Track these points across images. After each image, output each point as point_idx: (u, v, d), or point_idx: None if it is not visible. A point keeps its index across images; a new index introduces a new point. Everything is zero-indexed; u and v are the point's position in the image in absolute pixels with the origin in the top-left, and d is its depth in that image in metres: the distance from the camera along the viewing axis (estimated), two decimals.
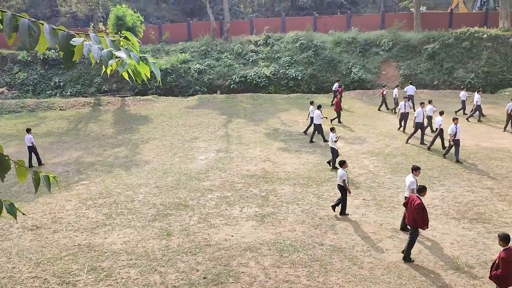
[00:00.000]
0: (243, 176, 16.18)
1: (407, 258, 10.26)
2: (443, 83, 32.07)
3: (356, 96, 30.51)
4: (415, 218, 9.92)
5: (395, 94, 25.64)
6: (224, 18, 38.09)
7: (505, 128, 20.89)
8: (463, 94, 24.73)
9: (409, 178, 11.22)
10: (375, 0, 54.73)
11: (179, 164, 17.87)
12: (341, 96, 27.28)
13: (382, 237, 11.42)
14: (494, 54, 32.45)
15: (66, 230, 12.50)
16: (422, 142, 19.18)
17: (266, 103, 29.22)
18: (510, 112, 20.32)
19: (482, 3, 43.71)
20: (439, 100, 28.18)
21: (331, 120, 23.20)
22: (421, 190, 10.14)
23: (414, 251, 10.56)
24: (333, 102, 26.55)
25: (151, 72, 3.10)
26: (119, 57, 2.83)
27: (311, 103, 21.72)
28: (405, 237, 11.25)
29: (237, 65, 33.65)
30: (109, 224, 12.68)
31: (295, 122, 24.07)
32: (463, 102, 24.55)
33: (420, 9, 38.67)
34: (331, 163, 16.69)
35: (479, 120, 23.01)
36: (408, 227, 10.56)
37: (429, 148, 18.50)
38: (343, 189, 12.50)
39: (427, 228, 10.20)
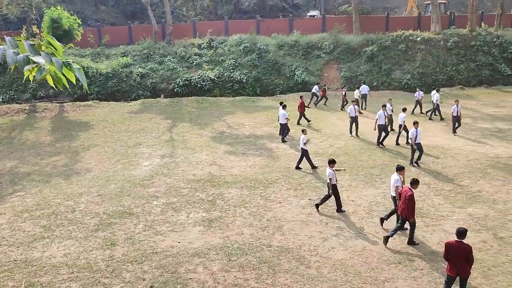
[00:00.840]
0: (189, 181, 15.96)
1: (411, 241, 10.93)
2: (382, 84, 33.36)
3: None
4: (405, 208, 10.51)
5: (356, 95, 26.64)
6: (166, 21, 37.55)
7: (454, 131, 20.76)
8: (418, 94, 25.76)
9: (394, 176, 11.68)
10: (316, 4, 56.08)
11: (123, 171, 17.34)
12: (326, 98, 28.49)
13: (328, 235, 11.63)
14: (427, 56, 34.20)
15: (0, 245, 11.74)
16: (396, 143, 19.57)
17: (211, 106, 29.07)
18: (457, 114, 20.44)
19: (441, 3, 46.06)
20: (379, 101, 29.22)
21: (298, 121, 23.68)
22: (414, 182, 10.69)
23: (358, 249, 10.85)
24: (315, 103, 28.29)
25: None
26: (36, 63, 2.63)
27: (281, 103, 21.62)
28: (350, 234, 11.54)
29: (181, 69, 33.26)
30: (48, 237, 12.06)
31: (241, 125, 24.10)
32: (417, 101, 25.49)
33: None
34: (299, 164, 16.88)
35: (442, 119, 23.96)
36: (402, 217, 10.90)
37: (397, 143, 19.52)
38: (334, 188, 12.66)
39: (412, 220, 10.63)
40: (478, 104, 27.53)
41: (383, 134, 19.27)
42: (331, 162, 12.70)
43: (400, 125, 19.13)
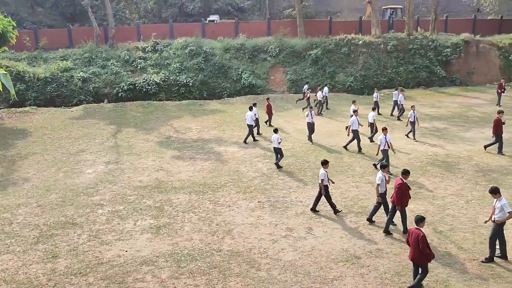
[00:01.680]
0: (136, 187, 15.55)
1: (405, 230, 11.36)
2: (327, 86, 34.06)
3: (247, 101, 31.07)
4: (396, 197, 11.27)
5: (319, 96, 27.11)
6: (109, 24, 36.48)
7: (413, 136, 20.60)
8: (375, 95, 26.62)
9: (378, 174, 12.14)
10: (261, 7, 56.62)
11: (64, 179, 16.61)
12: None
13: (278, 237, 11.71)
14: (369, 59, 35.42)
15: None
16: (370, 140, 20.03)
17: (157, 110, 28.53)
18: (414, 120, 20.32)
19: (391, 13, 48.19)
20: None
21: (266, 122, 23.93)
22: (404, 173, 11.41)
23: (307, 249, 11.01)
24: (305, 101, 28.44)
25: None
26: None
27: (254, 105, 21.93)
28: (299, 235, 11.69)
29: (125, 73, 32.41)
30: None
31: (188, 129, 23.81)
32: (376, 102, 26.26)
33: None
34: (278, 163, 17.20)
35: (398, 119, 24.90)
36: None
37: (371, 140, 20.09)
38: (326, 189, 12.76)
39: (400, 208, 11.38)
40: (417, 104, 28.71)
41: (355, 139, 19.14)
42: (324, 163, 12.85)
43: (371, 124, 20.35)
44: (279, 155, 17.31)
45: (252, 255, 10.85)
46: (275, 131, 17.55)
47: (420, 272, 9.11)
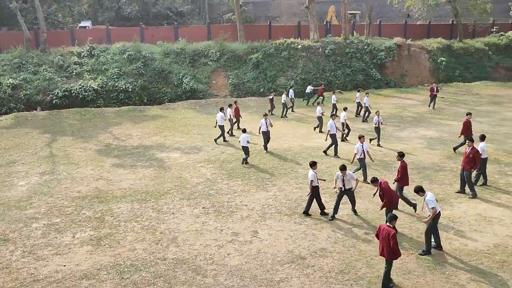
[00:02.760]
0: (74, 198, 14.87)
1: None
2: (269, 90, 34.42)
3: (189, 106, 30.83)
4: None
5: (283, 99, 27.40)
6: (40, 27, 34.75)
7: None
8: (333, 98, 27.17)
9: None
10: (201, 12, 56.35)
11: None
12: (323, 97, 29.81)
13: (223, 242, 11.63)
14: (308, 63, 36.22)
15: None
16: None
17: (95, 118, 27.51)
18: (378, 125, 20.40)
19: (350, 18, 49.77)
20: (266, 106, 30.20)
21: (236, 125, 23.84)
22: (373, 180, 12.01)
23: (252, 253, 11.02)
24: (314, 103, 29.63)
25: None
26: None
27: (221, 109, 22.15)
28: (244, 239, 11.68)
29: (59, 79, 30.96)
30: None
31: (128, 136, 23.14)
32: (334, 104, 26.81)
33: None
34: (246, 160, 17.94)
35: (364, 120, 25.52)
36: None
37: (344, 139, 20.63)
38: (315, 189, 12.82)
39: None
40: (354, 107, 29.71)
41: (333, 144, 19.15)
42: (313, 165, 12.99)
43: (343, 123, 20.95)
44: (246, 153, 18.09)
45: (198, 261, 10.69)
46: (244, 131, 18.31)
47: (385, 268, 9.44)
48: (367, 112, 25.96)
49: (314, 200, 13.03)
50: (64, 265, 10.68)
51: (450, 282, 9.67)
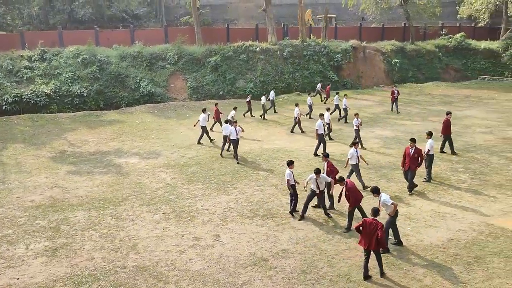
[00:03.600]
0: (27, 208, 14.27)
1: (348, 230, 12.08)
2: (228, 93, 34.51)
3: (147, 110, 30.33)
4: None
5: (263, 101, 27.68)
6: None
7: (361, 144, 19.91)
8: (308, 100, 27.59)
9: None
10: (157, 14, 55.58)
11: None
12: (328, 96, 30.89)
13: (185, 247, 11.49)
14: (267, 65, 36.48)
15: None
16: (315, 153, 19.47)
17: (48, 124, 26.54)
18: (357, 128, 20.53)
19: (326, 20, 49.89)
20: (225, 109, 30.13)
21: (211, 127, 23.94)
22: (340, 180, 12.30)
23: (215, 257, 10.95)
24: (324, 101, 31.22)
25: None
26: None
27: (203, 110, 21.94)
28: (206, 243, 11.59)
29: (9, 84, 29.63)
30: None
31: (84, 142, 22.48)
32: (310, 106, 27.21)
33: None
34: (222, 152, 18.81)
35: (339, 120, 25.78)
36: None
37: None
38: (293, 188, 13.13)
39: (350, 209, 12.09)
40: (314, 108, 30.17)
41: (322, 144, 19.28)
42: (290, 164, 13.26)
43: (295, 118, 22.47)
44: (225, 144, 19.33)
45: (159, 268, 10.50)
46: (226, 122, 19.23)
47: (376, 258, 9.90)
48: (343, 114, 26.27)
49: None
50: (18, 278, 10.22)
51: (408, 277, 9.95)
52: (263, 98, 28.10)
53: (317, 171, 12.66)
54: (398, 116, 27.25)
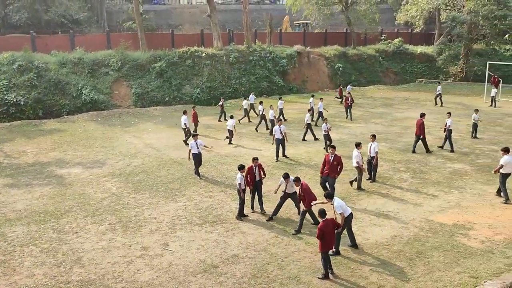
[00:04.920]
0: None
1: (298, 232, 12.30)
2: (174, 99, 34.06)
3: (90, 118, 29.35)
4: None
5: (245, 105, 27.60)
6: None
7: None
8: (280, 103, 27.42)
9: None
10: (99, 20, 53.99)
11: None
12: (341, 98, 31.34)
13: (132, 258, 11.17)
14: (213, 71, 36.39)
15: None
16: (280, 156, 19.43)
17: None
18: (327, 132, 20.73)
19: (302, 27, 52.21)
20: (172, 115, 29.80)
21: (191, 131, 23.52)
22: (295, 180, 12.44)
23: (164, 266, 10.73)
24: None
25: None
26: None
27: (184, 112, 22.69)
28: (155, 252, 11.34)
29: None
30: None
31: (22, 153, 21.37)
32: (281, 109, 27.09)
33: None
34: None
35: (316, 124, 25.77)
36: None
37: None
38: (243, 191, 13.25)
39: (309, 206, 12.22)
40: (259, 113, 30.33)
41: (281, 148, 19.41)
42: (241, 168, 13.35)
43: (309, 124, 22.39)
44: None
45: (105, 281, 10.14)
46: (194, 136, 17.74)
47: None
48: (319, 117, 26.41)
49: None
50: None
51: (355, 275, 10.22)
52: (244, 102, 28.14)
53: (286, 176, 12.92)
54: (342, 119, 28.00)
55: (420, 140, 19.90)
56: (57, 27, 47.23)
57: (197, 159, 17.37)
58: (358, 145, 15.42)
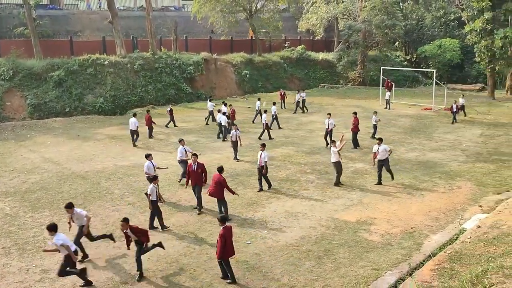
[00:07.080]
0: None
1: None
2: (75, 110, 32.17)
3: None
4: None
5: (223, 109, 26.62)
6: None
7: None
8: (273, 108, 27.22)
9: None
10: None
11: None
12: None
13: (31, 283, 10.31)
14: (117, 79, 35.00)
15: None
16: None
17: None
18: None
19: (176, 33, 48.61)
20: (73, 126, 28.18)
21: (149, 135, 24.78)
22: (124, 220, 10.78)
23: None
24: None
25: None
26: None
27: (134, 114, 23.93)
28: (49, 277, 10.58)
29: None
30: None
31: None
32: (258, 111, 27.42)
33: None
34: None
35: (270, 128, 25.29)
36: None
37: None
38: (154, 204, 12.77)
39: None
40: (257, 110, 29.31)
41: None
42: (154, 179, 13.00)
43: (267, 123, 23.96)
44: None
45: None
46: (181, 141, 17.26)
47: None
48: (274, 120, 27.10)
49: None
50: None
51: (267, 278, 10.37)
52: (223, 107, 26.86)
53: (154, 178, 13.21)
54: (251, 125, 28.40)
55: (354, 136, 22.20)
56: None
57: (185, 165, 15.91)
58: (263, 145, 16.60)
